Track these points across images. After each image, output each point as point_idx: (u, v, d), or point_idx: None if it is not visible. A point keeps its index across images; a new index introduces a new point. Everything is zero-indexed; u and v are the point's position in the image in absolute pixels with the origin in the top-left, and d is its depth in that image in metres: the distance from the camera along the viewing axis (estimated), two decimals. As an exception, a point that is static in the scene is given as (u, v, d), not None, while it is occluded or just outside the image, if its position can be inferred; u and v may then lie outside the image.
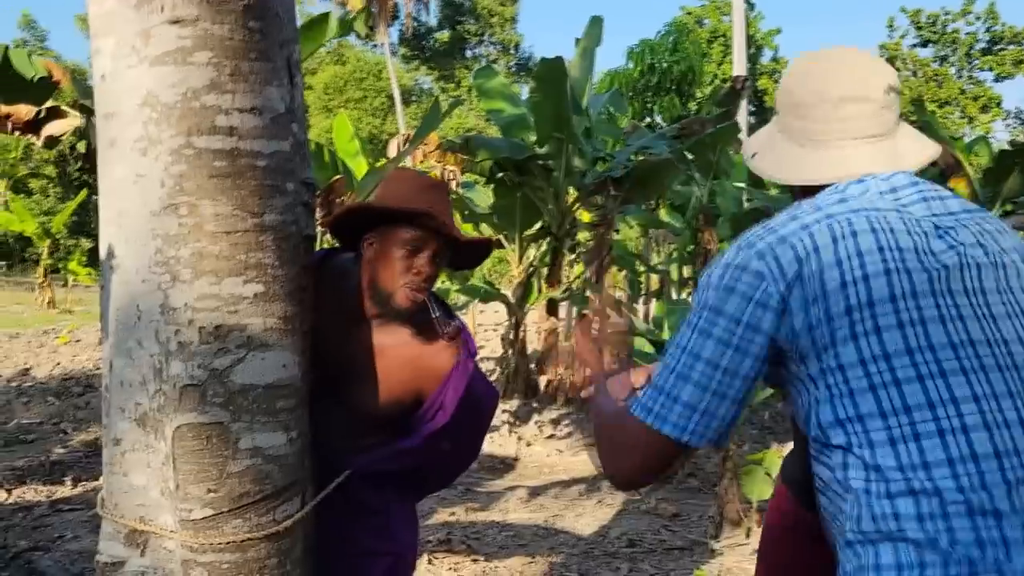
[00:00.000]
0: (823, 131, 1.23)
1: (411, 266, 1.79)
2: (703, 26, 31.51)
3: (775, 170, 1.30)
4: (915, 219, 1.14)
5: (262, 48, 1.61)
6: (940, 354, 1.05)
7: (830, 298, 1.08)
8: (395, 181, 1.91)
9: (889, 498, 1.03)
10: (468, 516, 4.89)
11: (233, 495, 1.58)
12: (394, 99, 27.61)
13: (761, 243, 1.14)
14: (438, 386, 1.88)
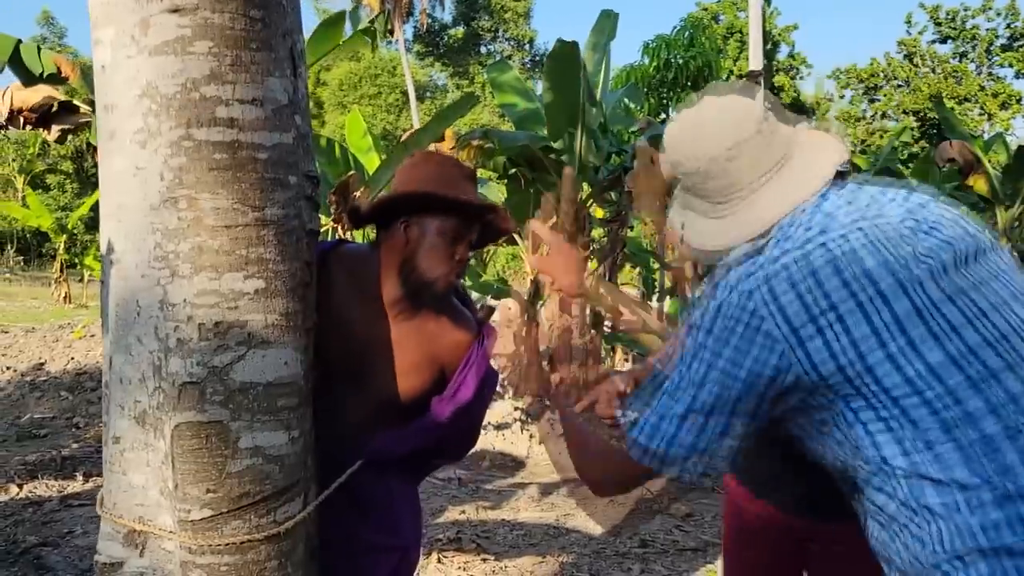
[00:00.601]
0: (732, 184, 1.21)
1: (454, 254, 1.80)
2: (719, 22, 31.28)
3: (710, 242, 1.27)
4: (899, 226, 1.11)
5: (264, 38, 1.57)
6: (982, 354, 1.02)
7: (847, 320, 1.03)
8: (426, 166, 1.88)
9: (982, 510, 1.00)
10: (478, 515, 4.85)
11: (232, 495, 1.55)
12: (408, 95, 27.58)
13: (749, 280, 1.11)
14: (460, 361, 1.89)
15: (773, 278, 1.08)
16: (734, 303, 1.10)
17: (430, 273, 1.79)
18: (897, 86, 35.24)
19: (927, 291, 1.04)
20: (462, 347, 1.90)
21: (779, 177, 1.19)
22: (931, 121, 31.39)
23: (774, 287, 1.07)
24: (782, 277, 1.07)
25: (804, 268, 1.06)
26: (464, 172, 1.87)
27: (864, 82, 36.11)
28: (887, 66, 35.36)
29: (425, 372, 1.90)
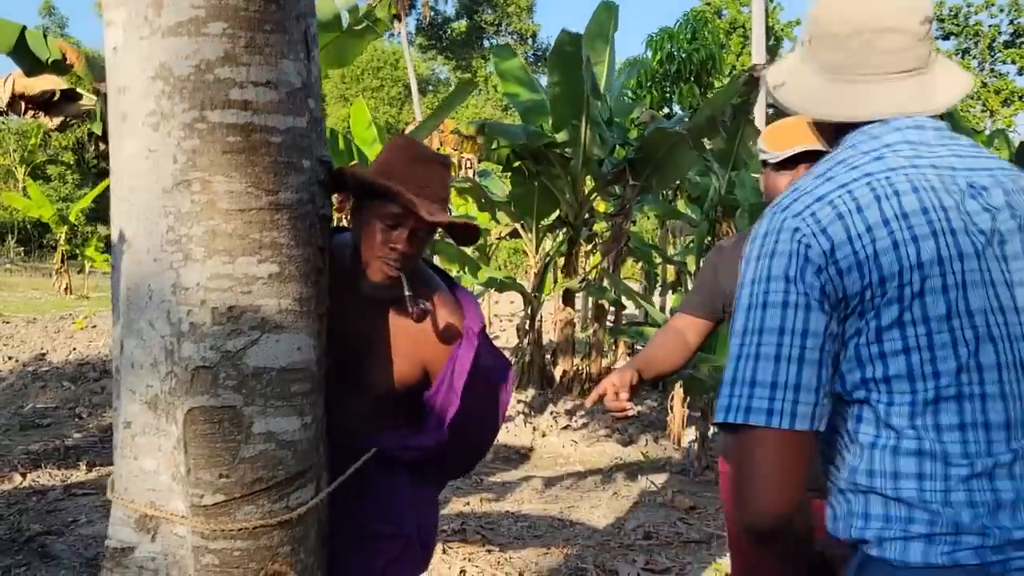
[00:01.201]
0: (856, 65, 1.16)
1: (388, 240, 1.75)
2: (722, 17, 31.20)
3: (802, 103, 1.22)
4: (951, 176, 1.10)
5: (278, 20, 1.56)
6: (976, 320, 1.03)
7: (881, 258, 1.03)
8: (390, 151, 1.85)
9: (894, 456, 1.03)
10: (483, 506, 4.85)
11: (245, 481, 1.54)
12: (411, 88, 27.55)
13: (795, 204, 1.09)
14: (445, 359, 1.85)
15: (814, 204, 1.07)
16: (773, 226, 1.09)
17: (365, 257, 1.76)
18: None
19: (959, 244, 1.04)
20: (442, 346, 1.85)
21: (903, 83, 1.15)
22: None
23: (820, 218, 1.06)
24: (828, 209, 1.06)
25: (850, 203, 1.06)
26: (425, 157, 1.81)
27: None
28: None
29: (409, 368, 1.86)
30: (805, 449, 1.04)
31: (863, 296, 1.03)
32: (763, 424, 1.02)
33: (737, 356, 1.07)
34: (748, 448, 1.04)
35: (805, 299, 1.03)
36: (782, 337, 1.03)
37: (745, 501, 1.04)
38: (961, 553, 0.98)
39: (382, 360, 1.84)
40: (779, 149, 1.97)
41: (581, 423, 7.16)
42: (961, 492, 1.01)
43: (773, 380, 1.02)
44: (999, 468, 1.01)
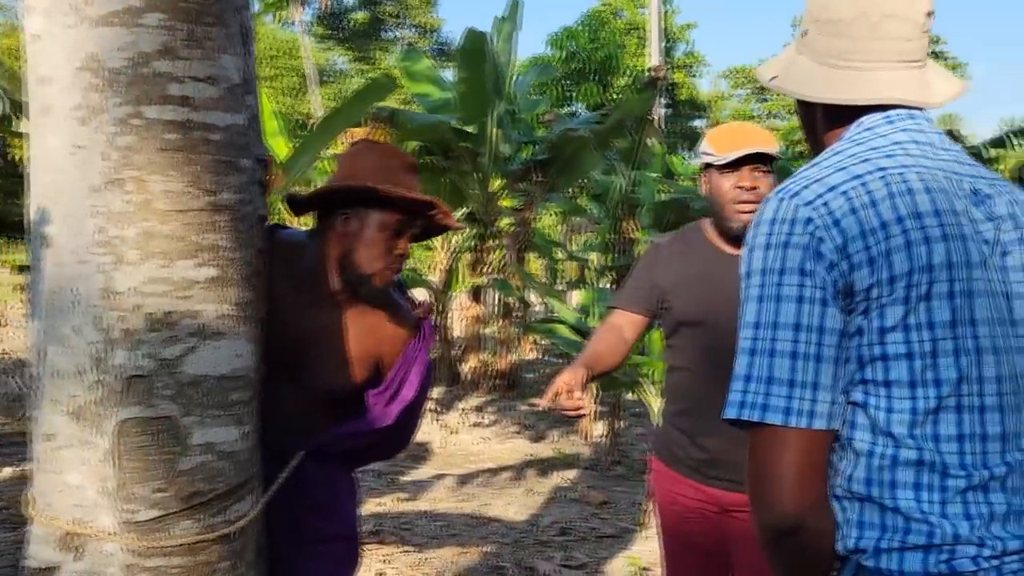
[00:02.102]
0: (860, 50, 1.14)
1: (393, 248, 1.77)
2: (620, 18, 31.81)
3: (800, 88, 1.19)
4: (958, 180, 1.09)
5: (217, 12, 1.49)
6: (980, 330, 1.03)
7: (893, 256, 1.01)
8: (372, 157, 1.83)
9: (892, 466, 1.02)
10: (397, 506, 4.80)
11: (183, 494, 1.47)
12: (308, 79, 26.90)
13: (806, 192, 1.06)
14: (399, 355, 1.87)
15: (827, 193, 1.05)
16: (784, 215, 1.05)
17: (368, 267, 1.76)
18: (785, 86, 36.66)
19: (968, 250, 1.04)
20: (400, 341, 1.88)
21: (905, 72, 1.14)
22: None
23: (833, 209, 1.03)
24: (841, 200, 1.04)
25: (864, 196, 1.04)
26: (405, 163, 1.84)
27: (755, 82, 37.47)
28: (777, 67, 36.73)
29: (362, 365, 1.87)
30: (824, 448, 1.03)
31: (869, 293, 1.01)
32: (781, 423, 1.00)
33: (751, 351, 1.04)
34: (766, 447, 1.02)
35: (821, 294, 1.01)
36: (798, 333, 1.01)
37: (764, 500, 1.02)
38: (958, 561, 0.99)
39: (332, 358, 1.82)
40: (725, 151, 2.01)
41: (491, 420, 7.18)
42: (958, 504, 1.01)
43: (791, 378, 1.00)
44: (994, 480, 1.02)
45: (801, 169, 1.14)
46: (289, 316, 1.78)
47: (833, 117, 1.19)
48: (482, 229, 8.20)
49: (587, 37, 16.70)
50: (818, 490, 1.03)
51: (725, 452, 2.04)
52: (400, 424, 1.88)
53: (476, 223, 8.26)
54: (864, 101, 1.14)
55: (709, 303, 2.07)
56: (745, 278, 1.08)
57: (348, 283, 1.79)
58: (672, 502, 2.20)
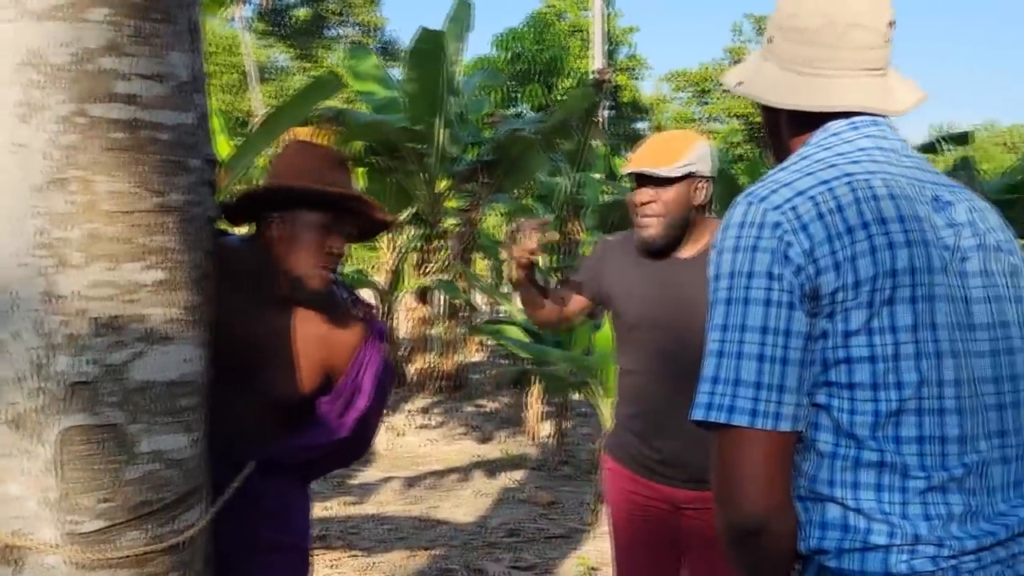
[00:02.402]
0: (826, 58, 1.16)
1: (323, 247, 1.73)
2: (563, 20, 32.00)
3: (765, 94, 1.20)
4: (920, 187, 1.11)
5: (165, 8, 1.45)
6: (940, 334, 1.05)
7: (859, 261, 1.03)
8: (297, 156, 1.80)
9: (855, 467, 1.04)
10: (344, 510, 4.75)
11: (130, 504, 1.43)
12: (248, 76, 26.44)
13: (774, 196, 1.07)
14: (349, 363, 1.84)
15: (795, 198, 1.06)
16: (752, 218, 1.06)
17: (300, 270, 1.73)
18: (725, 91, 37.36)
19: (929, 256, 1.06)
20: (350, 347, 1.85)
21: (869, 80, 1.16)
22: (756, 125, 33.53)
23: (800, 213, 1.05)
24: (809, 205, 1.05)
25: (831, 202, 1.05)
26: (335, 160, 1.81)
27: (696, 85, 38.09)
28: (716, 71, 37.43)
29: (312, 372, 1.84)
30: (789, 449, 1.05)
31: (835, 297, 1.03)
32: (747, 425, 1.02)
33: (719, 352, 1.05)
34: (732, 448, 1.03)
35: (789, 297, 1.03)
36: (765, 336, 1.02)
37: (730, 500, 1.03)
38: (918, 561, 1.01)
39: (282, 365, 1.79)
40: (669, 164, 2.04)
41: (438, 421, 7.15)
42: (918, 505, 1.03)
43: (757, 380, 1.02)
44: (952, 482, 1.04)
45: (769, 173, 1.16)
46: (235, 323, 1.74)
47: (798, 122, 1.21)
48: (428, 230, 8.15)
49: (532, 39, 16.77)
50: (784, 491, 1.05)
51: (676, 454, 2.07)
52: (356, 434, 1.85)
53: (422, 223, 8.21)
54: (830, 108, 1.16)
55: (657, 307, 2.10)
56: (713, 280, 1.09)
57: (286, 288, 1.76)
58: (624, 499, 2.22)
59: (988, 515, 1.06)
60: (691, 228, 2.08)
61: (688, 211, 2.05)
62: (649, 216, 2.06)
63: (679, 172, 2.02)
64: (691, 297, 2.03)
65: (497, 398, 8.09)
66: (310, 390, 1.85)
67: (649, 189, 2.06)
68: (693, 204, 2.05)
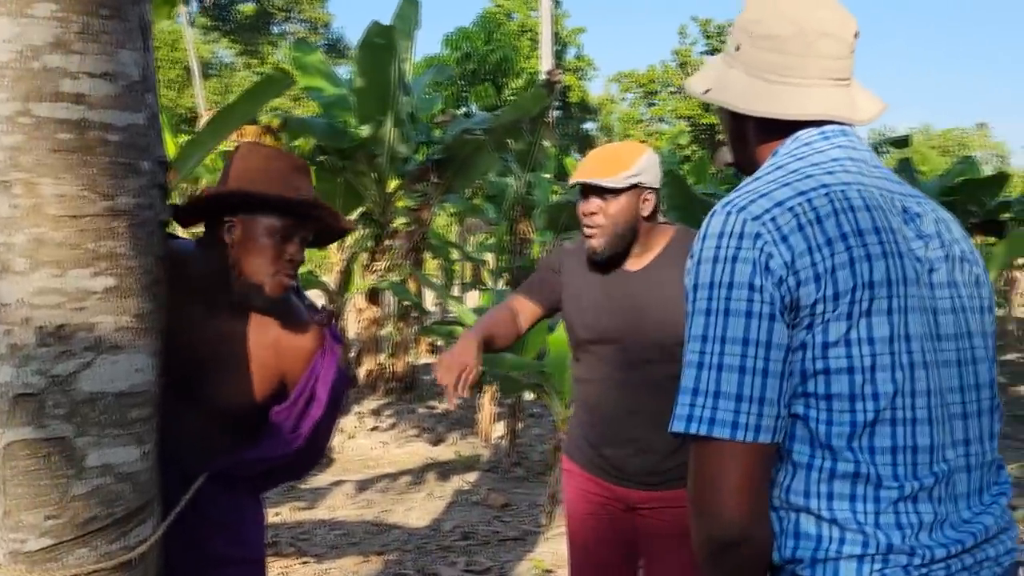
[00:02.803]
0: (796, 66, 1.16)
1: (283, 253, 1.69)
2: (512, 20, 32.04)
3: (735, 101, 1.20)
4: (891, 199, 1.12)
5: (114, 4, 1.40)
6: (913, 345, 1.06)
7: (838, 273, 1.03)
8: (256, 159, 1.74)
9: (830, 479, 1.04)
10: (294, 516, 4.66)
11: (78, 521, 1.37)
12: (191, 71, 25.88)
13: (753, 207, 1.07)
14: (303, 370, 1.80)
15: (775, 208, 1.06)
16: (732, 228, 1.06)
17: (258, 276, 1.68)
18: (672, 92, 37.83)
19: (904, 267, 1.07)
20: (304, 355, 1.81)
21: (836, 90, 1.17)
22: (702, 126, 34.02)
23: (780, 224, 1.05)
24: (789, 216, 1.05)
25: (810, 213, 1.05)
26: (295, 164, 1.76)
27: (643, 87, 38.47)
28: (663, 73, 37.86)
29: (265, 380, 1.79)
30: (769, 461, 1.05)
31: (814, 309, 1.03)
32: (728, 437, 1.01)
33: (698, 364, 1.04)
34: (712, 460, 1.03)
35: (770, 309, 1.02)
36: (746, 348, 1.02)
37: (709, 513, 1.03)
38: (891, 570, 1.02)
39: (235, 373, 1.74)
40: (614, 174, 2.03)
41: (389, 423, 7.08)
42: (891, 514, 1.04)
43: (738, 392, 1.01)
44: (923, 491, 1.05)
45: (745, 182, 1.15)
46: (185, 331, 1.69)
47: (767, 130, 1.21)
48: (378, 230, 8.06)
49: (482, 39, 16.73)
50: (763, 502, 1.05)
51: (629, 461, 2.09)
52: (310, 444, 1.81)
53: (372, 224, 8.12)
54: (802, 116, 1.17)
55: (607, 319, 2.10)
56: (691, 291, 1.08)
57: (240, 294, 1.70)
58: (580, 499, 2.23)
59: (954, 523, 1.08)
60: (640, 238, 2.08)
61: (634, 221, 2.05)
62: (595, 227, 2.06)
63: (624, 183, 2.02)
64: (642, 309, 2.04)
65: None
66: (263, 398, 1.80)
67: (595, 200, 2.06)
68: (640, 215, 2.05)
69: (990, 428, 1.17)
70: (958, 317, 1.13)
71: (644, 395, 2.04)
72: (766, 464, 1.05)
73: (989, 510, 1.13)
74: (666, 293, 2.01)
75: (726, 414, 1.01)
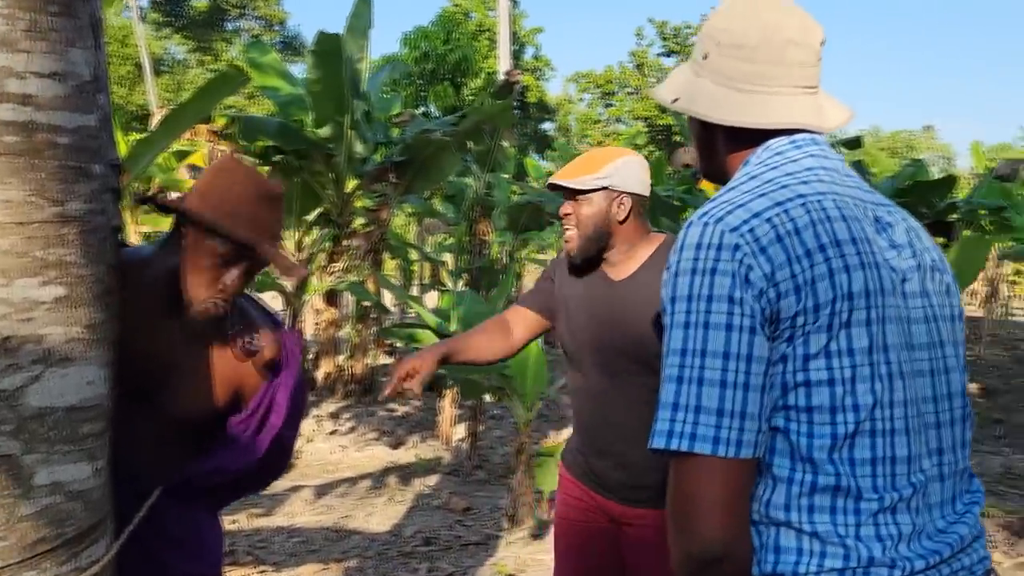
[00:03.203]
0: (766, 75, 1.15)
1: (218, 279, 1.63)
2: (470, 19, 31.98)
3: (708, 110, 1.19)
4: (864, 208, 1.12)
5: (64, 1, 1.33)
6: (891, 355, 1.05)
7: (818, 284, 1.02)
8: (225, 179, 1.67)
9: (811, 492, 1.03)
10: (251, 523, 4.57)
11: (26, 542, 1.31)
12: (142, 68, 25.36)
13: (730, 217, 1.05)
14: (259, 381, 1.76)
15: (752, 219, 1.05)
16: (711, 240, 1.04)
17: (190, 292, 1.64)
18: (629, 93, 38.12)
19: (881, 278, 1.07)
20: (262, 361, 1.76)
21: (804, 98, 1.16)
22: (658, 127, 34.31)
23: (759, 235, 1.04)
24: (767, 227, 1.04)
25: (788, 224, 1.05)
26: (265, 193, 1.67)
27: (601, 87, 38.70)
28: (620, 74, 38.13)
29: (223, 389, 1.74)
30: (750, 477, 1.03)
31: (795, 321, 1.02)
32: (709, 453, 0.99)
33: (678, 378, 1.02)
34: (693, 476, 1.01)
35: (750, 322, 1.01)
36: (727, 362, 1.00)
37: (690, 530, 1.01)
38: None
39: (193, 380, 1.69)
40: (582, 176, 2.02)
41: (348, 427, 6.99)
42: (871, 526, 1.03)
43: (720, 407, 0.99)
44: (901, 502, 1.05)
45: (720, 192, 1.14)
46: (142, 337, 1.63)
47: (737, 139, 1.20)
48: (336, 231, 7.96)
49: (441, 38, 16.63)
50: (744, 519, 1.03)
51: (610, 474, 2.09)
52: (271, 454, 1.77)
53: (330, 224, 8.02)
54: (775, 125, 1.16)
55: (591, 330, 2.08)
56: (669, 303, 1.06)
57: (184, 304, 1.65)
58: (567, 505, 2.23)
59: (931, 533, 1.08)
60: (620, 244, 2.06)
61: (606, 225, 2.03)
62: (568, 229, 2.06)
63: (592, 185, 2.01)
64: (622, 319, 2.02)
65: (409, 401, 7.97)
66: (223, 406, 1.75)
67: (569, 202, 2.04)
68: (614, 219, 2.03)
69: (962, 437, 1.18)
70: (931, 326, 1.14)
71: (623, 407, 2.03)
72: (748, 480, 1.03)
73: (963, 519, 1.14)
74: (648, 303, 1.99)
75: (707, 429, 1.00)
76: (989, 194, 10.23)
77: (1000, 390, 9.65)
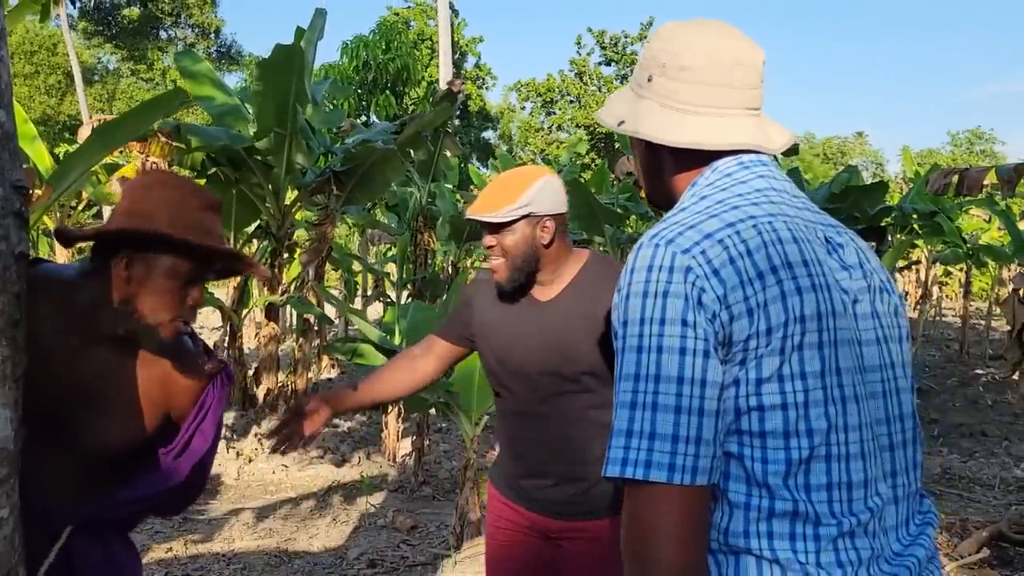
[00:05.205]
0: (712, 96, 1.14)
1: (186, 297, 1.57)
2: (410, 28, 31.84)
3: (655, 132, 1.16)
4: (814, 229, 1.11)
5: (-43, 10, 1.23)
6: (844, 378, 1.03)
7: (770, 307, 1.00)
8: (167, 192, 1.57)
9: (769, 518, 1.01)
10: (188, 550, 4.40)
11: (-81, 604, 1.19)
12: (72, 77, 24.63)
13: (681, 239, 1.03)
14: (191, 405, 1.69)
15: (704, 241, 1.02)
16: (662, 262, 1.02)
17: (154, 317, 1.55)
18: (570, 101, 38.40)
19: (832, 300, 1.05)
20: (193, 392, 1.69)
21: (750, 119, 1.15)
22: (600, 135, 34.61)
23: (711, 258, 1.01)
24: (719, 249, 1.02)
25: (740, 246, 1.02)
26: (206, 203, 1.62)
27: (542, 96, 38.91)
28: (561, 82, 38.38)
29: (150, 417, 1.66)
30: (707, 503, 1.00)
31: (747, 344, 1.00)
32: (665, 480, 0.96)
33: (631, 404, 0.99)
34: (649, 505, 0.97)
35: (704, 345, 0.98)
36: (681, 387, 0.97)
37: (648, 560, 0.97)
38: None
39: (115, 409, 1.60)
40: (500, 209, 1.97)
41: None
42: (831, 552, 1.01)
43: (675, 433, 0.97)
44: (859, 527, 1.03)
45: (670, 214, 1.12)
46: (56, 366, 1.52)
47: (683, 161, 1.18)
48: (276, 244, 7.78)
49: (381, 47, 16.45)
50: (702, 547, 1.00)
51: (547, 493, 2.06)
52: (191, 479, 1.69)
53: (269, 237, 7.83)
54: (725, 146, 1.14)
55: (520, 352, 2.04)
56: (621, 327, 1.03)
57: (130, 332, 1.57)
58: (498, 523, 2.20)
59: (888, 557, 1.08)
60: (548, 265, 2.01)
61: (533, 251, 1.99)
62: (494, 260, 2.01)
63: (513, 216, 1.96)
64: (551, 341, 1.98)
65: (353, 417, 7.83)
66: (146, 436, 1.66)
67: (490, 235, 2.00)
68: (539, 243, 1.99)
69: (914, 458, 1.17)
70: (881, 348, 1.12)
71: (556, 427, 1.99)
72: (705, 506, 1.00)
73: (918, 541, 1.13)
74: (578, 322, 1.95)
75: (662, 456, 0.97)
76: (920, 199, 10.52)
77: (934, 390, 9.91)
